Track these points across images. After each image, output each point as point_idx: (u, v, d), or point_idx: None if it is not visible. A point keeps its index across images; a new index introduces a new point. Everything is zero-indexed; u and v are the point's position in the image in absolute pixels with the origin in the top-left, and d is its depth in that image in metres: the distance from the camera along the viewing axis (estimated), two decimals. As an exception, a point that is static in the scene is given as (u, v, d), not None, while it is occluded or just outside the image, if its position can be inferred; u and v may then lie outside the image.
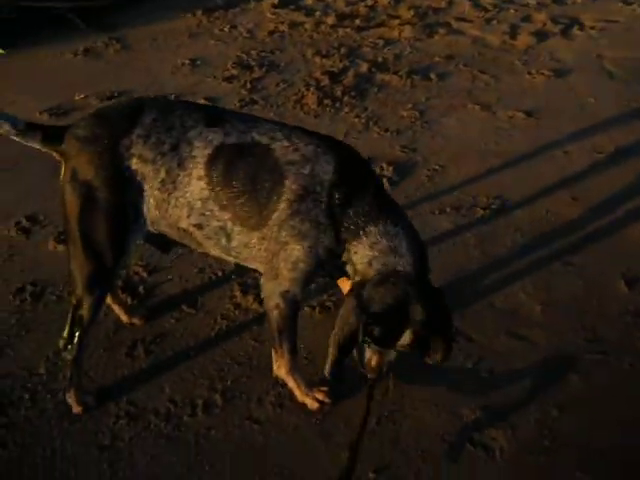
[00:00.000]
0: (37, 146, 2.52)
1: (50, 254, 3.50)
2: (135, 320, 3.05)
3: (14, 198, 3.95)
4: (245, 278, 3.27)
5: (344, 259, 2.38)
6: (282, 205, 2.34)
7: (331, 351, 2.37)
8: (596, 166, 4.12)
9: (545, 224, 3.63)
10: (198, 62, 5.65)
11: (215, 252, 2.60)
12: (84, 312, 2.52)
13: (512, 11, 6.44)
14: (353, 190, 2.34)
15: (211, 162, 2.40)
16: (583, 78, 5.19)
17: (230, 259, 2.63)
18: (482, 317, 3.05)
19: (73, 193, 2.42)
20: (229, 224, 2.44)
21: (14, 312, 3.13)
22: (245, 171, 2.38)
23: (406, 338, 2.31)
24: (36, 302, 3.18)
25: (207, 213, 2.44)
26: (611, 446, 2.47)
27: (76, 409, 2.64)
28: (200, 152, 2.40)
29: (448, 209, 3.74)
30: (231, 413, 2.63)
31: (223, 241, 2.49)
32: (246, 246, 2.48)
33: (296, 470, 2.42)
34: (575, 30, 6.02)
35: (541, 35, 5.92)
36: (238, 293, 3.18)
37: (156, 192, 2.44)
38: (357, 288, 2.34)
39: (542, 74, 5.23)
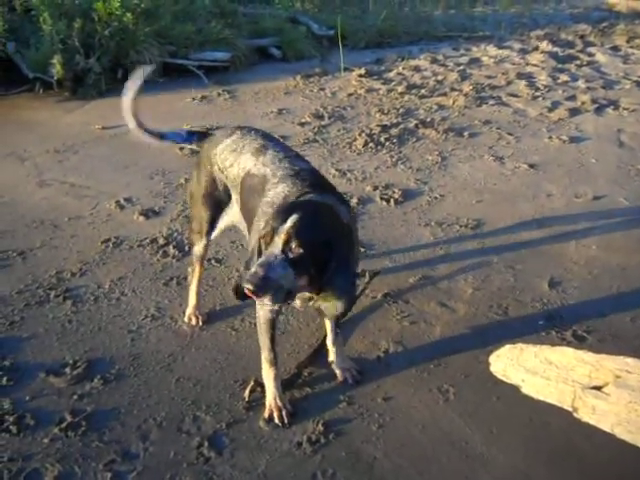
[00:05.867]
0: (194, 146, 3.72)
1: (132, 221, 4.86)
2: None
3: (120, 187, 5.41)
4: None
5: None
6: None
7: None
8: (571, 208, 4.93)
9: (506, 241, 4.50)
10: (284, 111, 7.07)
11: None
12: (196, 251, 3.67)
13: (560, 92, 7.39)
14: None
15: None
16: (594, 145, 6.02)
17: None
18: (424, 291, 3.97)
19: (193, 175, 3.62)
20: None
21: (98, 252, 4.47)
22: None
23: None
24: (114, 248, 4.51)
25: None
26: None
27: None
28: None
29: (433, 223, 4.72)
30: (219, 324, 3.74)
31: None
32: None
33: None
34: (609, 110, 6.87)
35: (576, 111, 6.81)
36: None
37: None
38: None
39: (560, 139, 6.11)
